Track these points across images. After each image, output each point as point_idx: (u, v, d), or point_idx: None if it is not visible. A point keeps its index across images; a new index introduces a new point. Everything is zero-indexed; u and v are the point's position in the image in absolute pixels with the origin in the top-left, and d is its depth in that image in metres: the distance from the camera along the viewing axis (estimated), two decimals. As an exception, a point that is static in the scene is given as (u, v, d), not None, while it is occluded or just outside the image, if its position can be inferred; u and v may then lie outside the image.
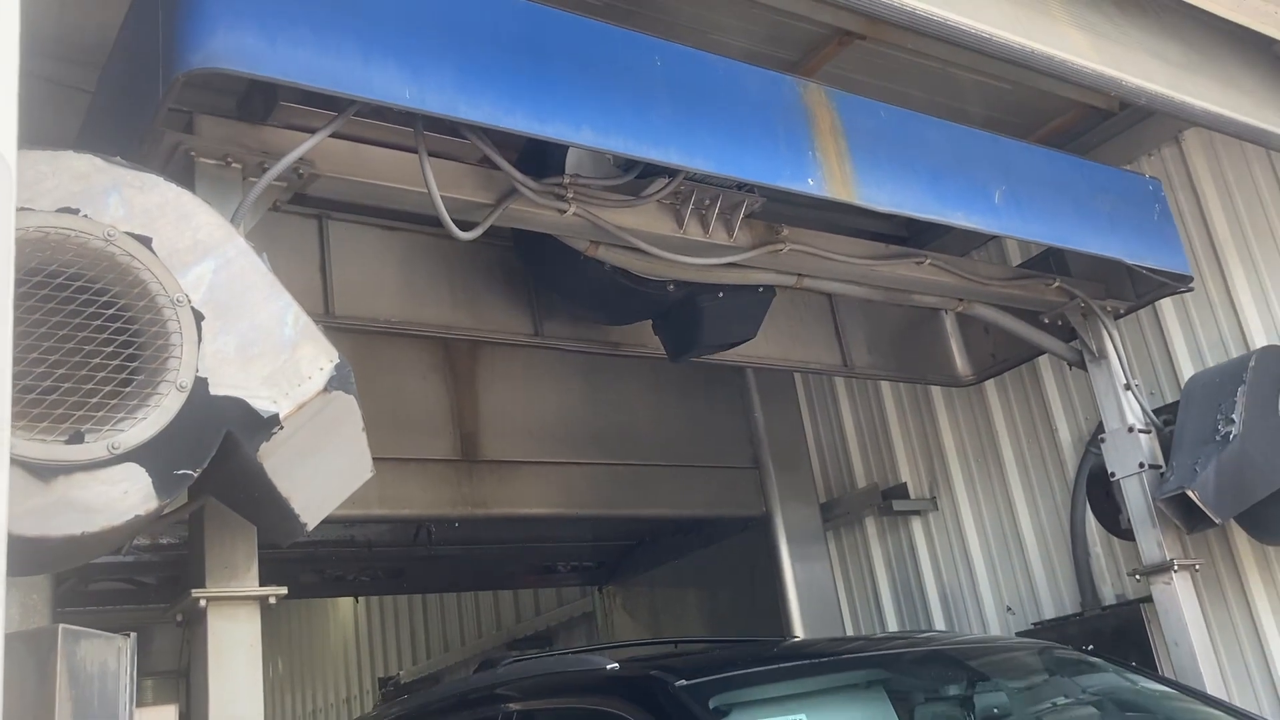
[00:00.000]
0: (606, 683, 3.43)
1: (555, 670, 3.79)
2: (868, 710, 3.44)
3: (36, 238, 2.29)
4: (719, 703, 3.10)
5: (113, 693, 2.13)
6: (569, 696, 3.58)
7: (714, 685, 3.21)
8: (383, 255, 4.54)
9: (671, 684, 3.15)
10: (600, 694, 3.38)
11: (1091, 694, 3.81)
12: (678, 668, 3.35)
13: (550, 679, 3.73)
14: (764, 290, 4.52)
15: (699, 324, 4.46)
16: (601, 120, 3.26)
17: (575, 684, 3.58)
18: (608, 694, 3.34)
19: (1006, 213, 4.17)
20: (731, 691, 3.22)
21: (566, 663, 3.84)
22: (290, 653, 14.13)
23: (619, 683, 3.40)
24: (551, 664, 3.90)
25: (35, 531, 2.12)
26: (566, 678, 3.68)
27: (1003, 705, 3.61)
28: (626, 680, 3.41)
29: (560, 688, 3.64)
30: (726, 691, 3.20)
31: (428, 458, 5.69)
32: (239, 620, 2.70)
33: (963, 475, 6.37)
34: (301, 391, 2.49)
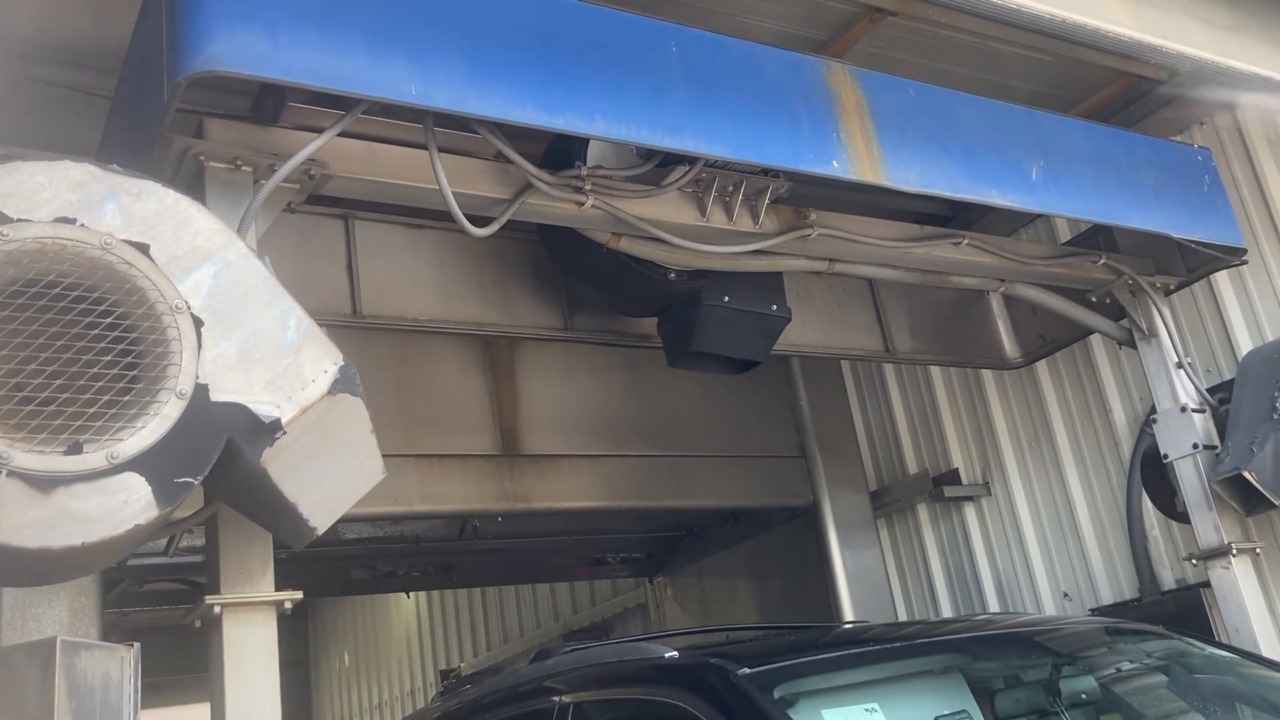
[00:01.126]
0: (664, 672, 3.25)
1: (610, 660, 3.59)
2: (945, 698, 3.18)
3: (34, 249, 2.29)
4: (784, 692, 2.91)
5: (116, 703, 2.13)
6: (625, 687, 3.42)
7: (778, 673, 3.02)
8: (410, 253, 4.52)
9: (733, 672, 2.96)
10: (658, 684, 3.22)
11: (1180, 675, 3.59)
12: (739, 655, 3.16)
13: (605, 669, 3.56)
14: (777, 309, 4.39)
15: (695, 325, 4.30)
16: (614, 109, 3.20)
17: (631, 674, 3.41)
18: (665, 684, 3.18)
19: (1045, 189, 4.03)
20: (797, 680, 3.03)
21: (622, 652, 3.64)
22: (356, 647, 14.31)
23: (677, 672, 3.22)
24: (607, 653, 3.70)
25: (36, 543, 2.12)
26: (622, 668, 3.49)
27: (1091, 690, 3.37)
28: (685, 669, 3.21)
29: (616, 678, 3.47)
30: (792, 680, 3.00)
31: (469, 453, 5.68)
32: (255, 625, 2.68)
33: (1016, 459, 6.22)
34: (305, 395, 2.47)
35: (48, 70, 4.14)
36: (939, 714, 3.06)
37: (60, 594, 4.13)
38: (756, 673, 2.96)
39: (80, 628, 4.15)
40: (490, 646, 11.16)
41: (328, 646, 15.21)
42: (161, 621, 7.68)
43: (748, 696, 2.86)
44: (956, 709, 3.10)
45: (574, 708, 3.40)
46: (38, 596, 4.08)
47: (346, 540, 6.63)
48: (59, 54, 4.12)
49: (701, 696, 2.93)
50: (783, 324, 4.48)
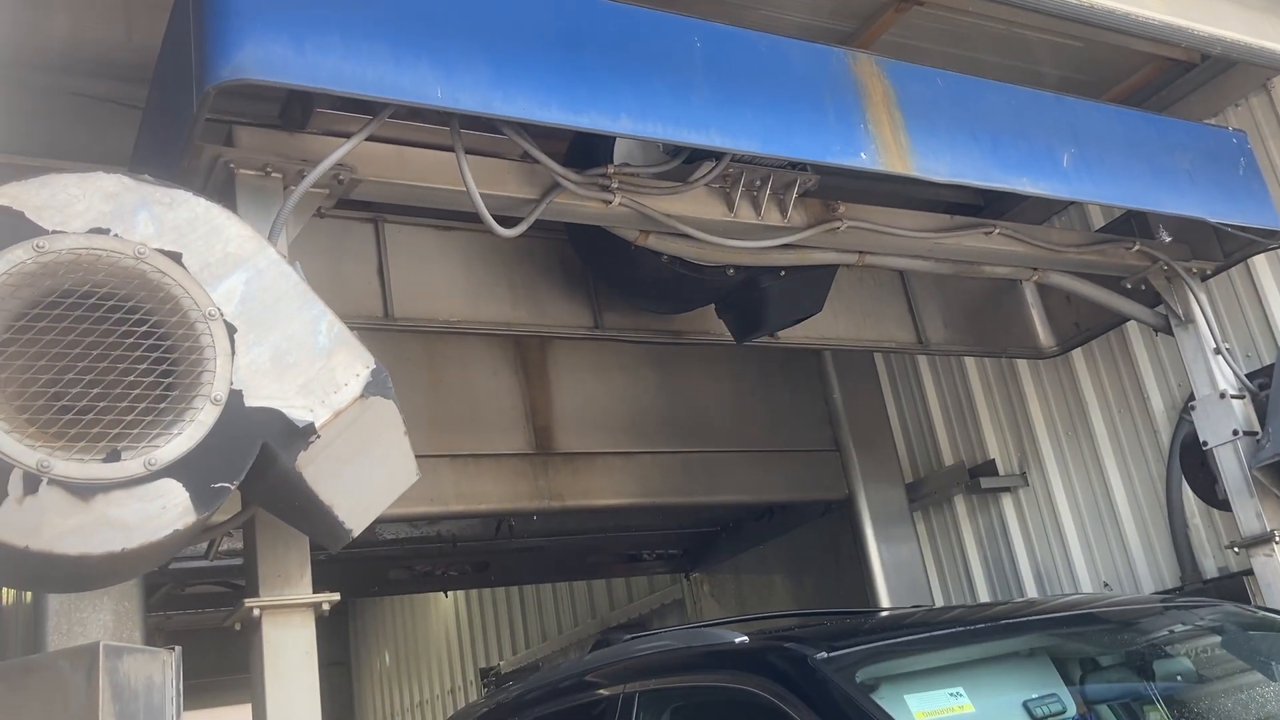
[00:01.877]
0: (736, 658, 3.11)
1: (678, 647, 3.45)
2: (1033, 681, 3.01)
3: (70, 259, 2.32)
4: (864, 677, 2.76)
5: (159, 706, 2.16)
6: (693, 674, 3.29)
7: (858, 657, 2.87)
8: (440, 255, 4.55)
9: (811, 656, 2.81)
10: (729, 670, 3.08)
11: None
12: (814, 639, 3.03)
13: (671, 657, 3.42)
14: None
15: (764, 305, 4.39)
16: (639, 107, 3.20)
17: (700, 661, 3.28)
18: (737, 670, 3.03)
19: (1076, 176, 3.99)
20: (877, 664, 2.88)
21: (688, 638, 3.48)
22: (396, 647, 14.42)
23: (750, 657, 3.07)
24: (671, 641, 3.56)
25: (77, 550, 2.15)
26: (690, 654, 3.35)
27: (1187, 672, 3.21)
28: (759, 654, 3.06)
29: (683, 665, 3.34)
30: (872, 664, 2.86)
31: (503, 453, 5.71)
32: (294, 627, 2.71)
33: (1053, 449, 6.16)
34: (338, 399, 2.49)
35: (80, 82, 4.20)
36: (1027, 698, 2.89)
37: (104, 599, 4.19)
38: (835, 656, 2.81)
39: (124, 632, 4.21)
40: (529, 644, 11.21)
41: (369, 646, 15.33)
42: (203, 624, 7.79)
43: (827, 681, 2.72)
44: (1045, 692, 2.93)
45: (639, 697, 3.27)
46: (82, 601, 4.14)
47: (384, 541, 6.68)
48: (90, 66, 4.17)
49: (777, 682, 2.79)
50: (833, 272, 4.55)
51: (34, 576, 2.61)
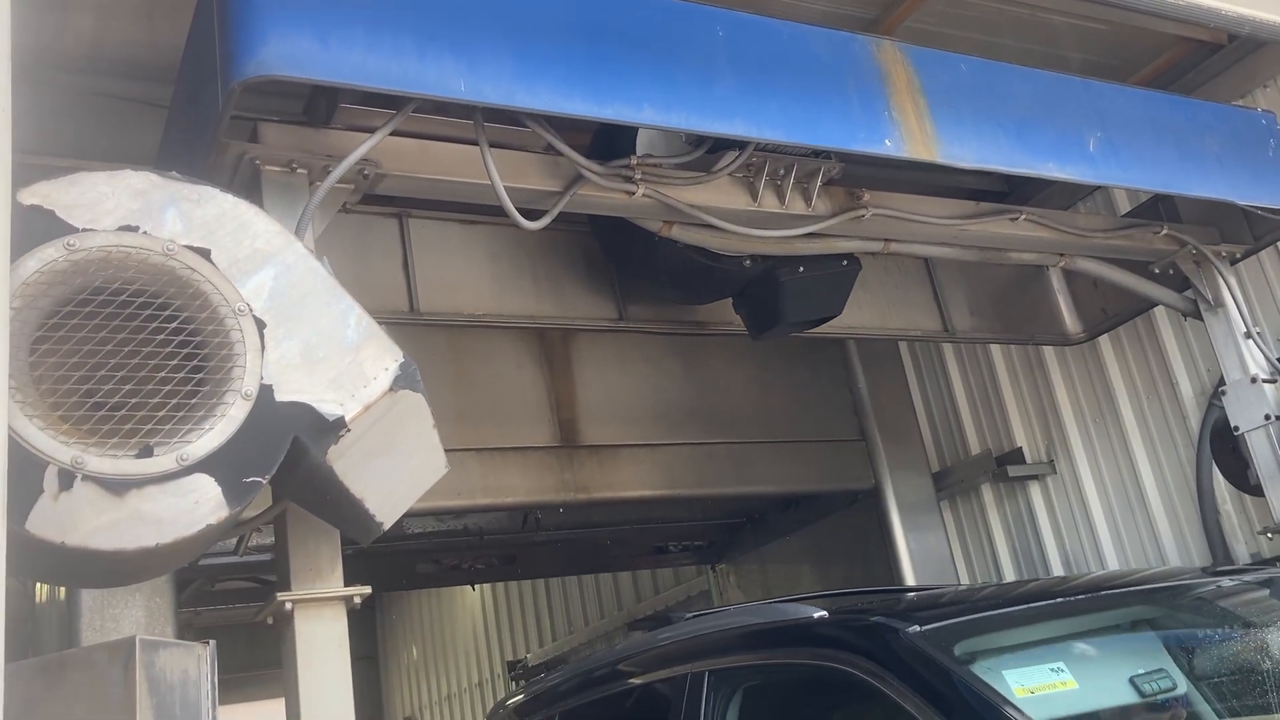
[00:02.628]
0: (820, 633, 2.95)
1: (752, 623, 3.26)
2: (1138, 656, 2.88)
3: (100, 257, 2.34)
4: (962, 651, 2.64)
5: (194, 700, 2.18)
6: (771, 650, 3.12)
7: (954, 630, 2.74)
8: (464, 249, 4.55)
9: (903, 630, 2.69)
10: (813, 646, 2.93)
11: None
12: (903, 613, 2.92)
13: (745, 634, 3.23)
14: (848, 263, 4.38)
15: (779, 300, 4.33)
16: (662, 97, 3.19)
17: (779, 636, 3.09)
18: (823, 645, 2.89)
19: (1103, 160, 3.95)
20: (973, 637, 2.74)
21: (761, 614, 3.30)
22: (424, 641, 14.49)
23: (837, 632, 2.92)
24: (741, 617, 3.39)
25: (111, 545, 2.16)
26: (767, 630, 3.15)
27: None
28: (847, 628, 2.92)
29: (760, 641, 3.16)
30: (969, 638, 2.72)
31: (528, 445, 5.72)
32: (326, 621, 2.73)
33: (1081, 437, 6.12)
34: (367, 393, 2.49)
35: (104, 82, 4.22)
36: (1133, 673, 2.75)
37: (136, 595, 4.22)
38: (930, 630, 2.68)
39: (156, 627, 4.24)
40: (556, 637, 11.24)
41: (396, 640, 15.42)
42: (234, 620, 7.83)
43: (924, 656, 2.59)
44: (1152, 667, 2.78)
45: (709, 676, 3.13)
46: (115, 597, 4.17)
47: (412, 535, 6.71)
48: (114, 66, 4.20)
49: (868, 658, 2.66)
50: (855, 274, 4.49)
51: (69, 572, 2.64)
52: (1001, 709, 2.45)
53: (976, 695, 2.48)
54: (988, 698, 2.48)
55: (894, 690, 2.58)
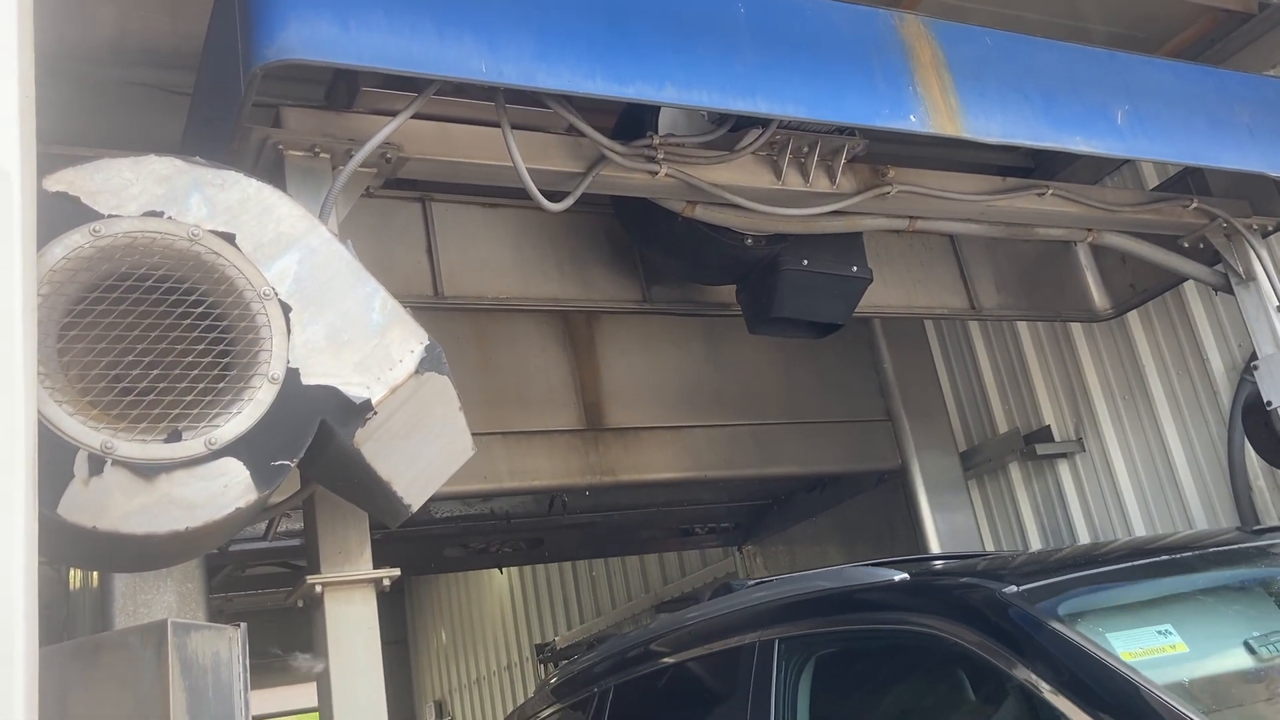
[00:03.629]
0: (906, 597, 2.79)
1: (828, 588, 3.07)
2: (1251, 618, 2.69)
3: (125, 243, 2.34)
4: (1066, 613, 2.48)
5: (226, 681, 2.19)
6: (848, 616, 2.96)
7: (1054, 591, 2.57)
8: (488, 233, 4.55)
9: (998, 591, 2.53)
10: (897, 610, 2.78)
11: None
12: (996, 573, 2.75)
13: (818, 599, 3.04)
14: (858, 271, 4.32)
15: (777, 290, 4.23)
16: (684, 75, 3.17)
17: (857, 601, 2.93)
18: (909, 610, 2.73)
19: (1131, 133, 3.90)
20: (1076, 599, 2.59)
21: (839, 578, 3.10)
22: (452, 624, 14.58)
23: (925, 595, 2.76)
24: (810, 583, 3.18)
25: (142, 529, 2.18)
26: (845, 595, 2.98)
27: None
28: (936, 591, 2.76)
29: (835, 607, 2.99)
30: (1071, 599, 2.57)
31: (554, 429, 5.72)
32: (355, 603, 2.74)
33: (1110, 414, 6.07)
34: (393, 375, 2.50)
35: (126, 72, 4.24)
36: (1248, 636, 2.57)
37: (167, 580, 4.26)
38: (1030, 591, 2.52)
39: (188, 612, 4.28)
40: (583, 620, 11.28)
41: (425, 624, 15.52)
42: (264, 605, 7.91)
43: (1027, 619, 2.43)
44: (1269, 629, 2.58)
45: (779, 645, 2.97)
46: (146, 582, 4.21)
47: (439, 519, 6.74)
48: (137, 55, 4.22)
49: (960, 621, 2.51)
50: (864, 285, 4.40)
51: (101, 556, 2.66)
52: (1122, 672, 2.29)
53: (1090, 658, 2.32)
54: (1104, 660, 2.31)
55: (992, 654, 2.45)
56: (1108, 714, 2.23)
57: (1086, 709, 2.24)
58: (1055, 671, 2.33)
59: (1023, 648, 2.40)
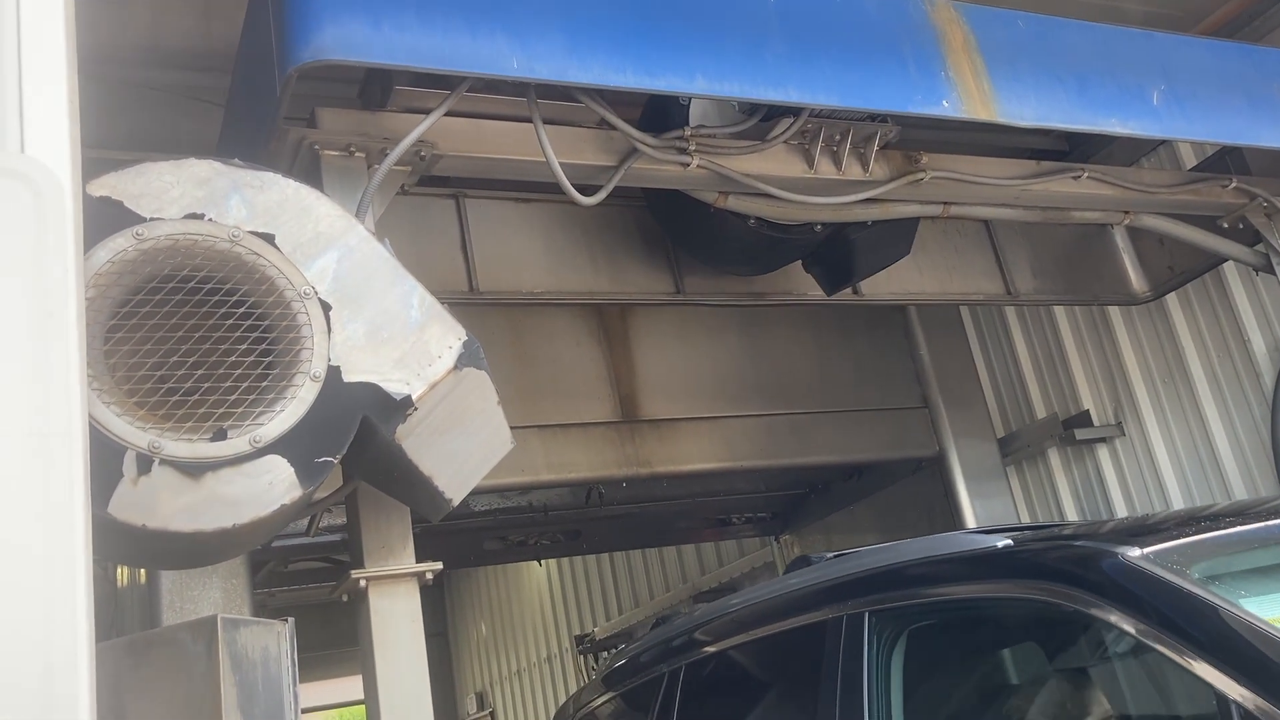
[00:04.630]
0: (1015, 562, 2.61)
1: (925, 556, 2.86)
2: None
3: (168, 245, 2.38)
4: (1201, 575, 2.32)
5: (275, 675, 2.22)
6: (949, 586, 2.76)
7: (1183, 554, 2.39)
8: (521, 228, 4.57)
9: (1124, 554, 2.37)
10: (1005, 578, 2.60)
11: None
12: (1114, 536, 2.58)
13: (917, 568, 2.85)
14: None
15: (853, 256, 4.37)
16: (714, 67, 3.17)
17: (958, 570, 2.74)
18: (1023, 577, 2.54)
19: (1167, 113, 3.86)
20: (1205, 562, 2.41)
21: (934, 547, 2.91)
22: (492, 617, 14.65)
23: (1040, 560, 2.58)
24: (900, 553, 2.99)
25: (190, 527, 2.21)
26: (942, 564, 2.78)
27: None
28: (1055, 556, 2.58)
29: (932, 577, 2.79)
30: (1201, 562, 2.39)
31: (590, 421, 5.74)
32: (399, 597, 2.77)
33: (1149, 397, 6.01)
34: (432, 371, 2.52)
35: (160, 75, 4.29)
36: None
37: (213, 577, 4.32)
38: (1155, 553, 2.35)
39: (233, 608, 4.34)
40: (621, 611, 11.31)
41: (465, 617, 15.61)
42: (306, 600, 7.99)
43: (1158, 583, 2.25)
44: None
45: (869, 618, 2.79)
46: (192, 579, 4.28)
47: (478, 512, 6.78)
48: (170, 59, 4.26)
49: (1082, 587, 2.34)
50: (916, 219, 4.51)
51: (149, 554, 2.71)
52: (1272, 636, 2.09)
53: (1241, 624, 2.13)
54: (1256, 626, 2.12)
55: (1123, 621, 2.28)
56: (1265, 682, 2.03)
57: (1239, 677, 2.06)
58: (1199, 639, 2.16)
59: (1159, 614, 2.23)
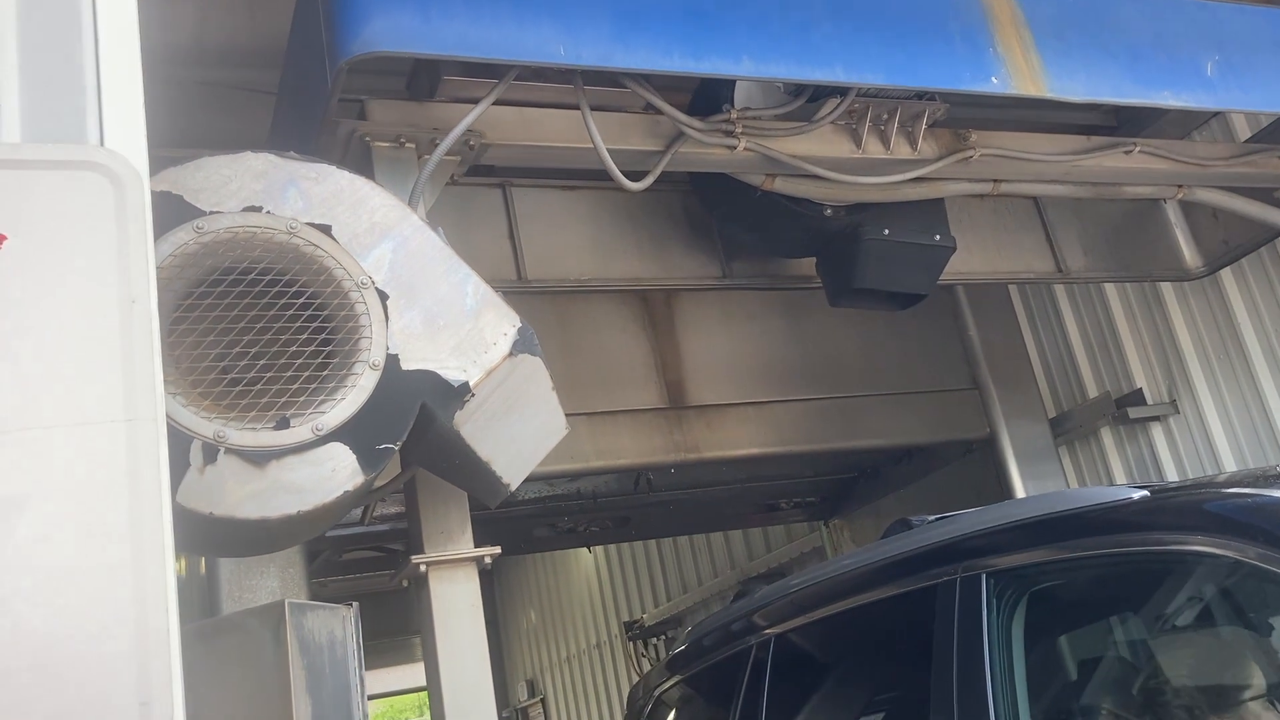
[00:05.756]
0: (1161, 514, 2.45)
1: (1053, 511, 2.64)
2: None
3: (227, 238, 2.42)
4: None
5: (342, 659, 2.26)
6: (1082, 541, 2.54)
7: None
8: (568, 216, 4.59)
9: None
10: (1149, 530, 2.40)
11: None
12: (1259, 484, 2.44)
13: (1045, 523, 2.63)
14: (940, 239, 4.24)
15: (857, 260, 4.16)
16: (760, 48, 3.16)
17: (1092, 523, 2.52)
18: (1169, 529, 2.36)
19: (1222, 84, 3.80)
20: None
21: (1060, 502, 2.68)
22: (541, 605, 14.75)
23: (1190, 511, 2.41)
24: (1016, 510, 2.79)
25: (256, 514, 2.26)
26: (1076, 518, 2.56)
27: None
28: (1209, 506, 2.39)
29: (1062, 531, 2.58)
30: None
31: (637, 408, 5.76)
32: (458, 582, 2.81)
33: (1204, 374, 5.92)
34: (488, 358, 2.55)
35: (207, 72, 4.33)
36: None
37: (270, 566, 4.39)
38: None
39: (290, 596, 4.40)
40: (670, 597, 11.33)
41: (514, 605, 15.72)
42: (360, 589, 8.07)
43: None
44: None
45: (987, 580, 2.59)
46: (250, 569, 4.34)
47: (528, 500, 6.83)
48: (217, 55, 4.31)
49: (1249, 537, 2.17)
50: (947, 254, 4.33)
51: (214, 542, 2.75)
52: None
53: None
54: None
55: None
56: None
57: None
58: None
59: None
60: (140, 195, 1.26)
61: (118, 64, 1.34)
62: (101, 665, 1.09)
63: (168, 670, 1.09)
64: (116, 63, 1.33)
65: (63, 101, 1.31)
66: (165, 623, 1.11)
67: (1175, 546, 2.34)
